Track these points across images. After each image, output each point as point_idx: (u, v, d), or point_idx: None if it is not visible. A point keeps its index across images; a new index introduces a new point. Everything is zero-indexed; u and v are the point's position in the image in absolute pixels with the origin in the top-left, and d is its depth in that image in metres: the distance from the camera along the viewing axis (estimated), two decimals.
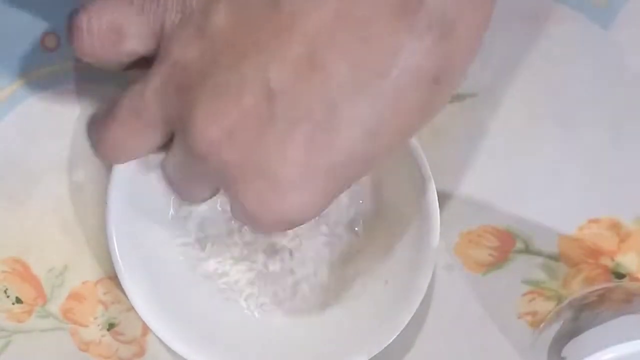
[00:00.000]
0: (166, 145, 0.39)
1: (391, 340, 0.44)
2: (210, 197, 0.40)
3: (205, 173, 0.37)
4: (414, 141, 0.44)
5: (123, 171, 0.44)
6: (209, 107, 0.35)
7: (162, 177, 0.40)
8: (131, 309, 0.46)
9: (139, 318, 0.46)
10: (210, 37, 0.35)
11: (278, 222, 0.36)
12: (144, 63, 0.38)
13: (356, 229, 0.47)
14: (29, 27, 0.47)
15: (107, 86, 0.46)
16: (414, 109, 0.35)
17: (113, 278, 0.48)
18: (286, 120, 0.34)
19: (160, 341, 0.46)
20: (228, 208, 0.45)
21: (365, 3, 0.33)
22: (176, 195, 0.41)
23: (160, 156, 0.40)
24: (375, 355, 0.45)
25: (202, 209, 0.47)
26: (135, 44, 0.37)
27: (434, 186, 0.44)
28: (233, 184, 0.36)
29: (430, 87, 0.34)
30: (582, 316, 0.43)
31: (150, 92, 0.37)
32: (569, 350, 0.41)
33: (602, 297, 0.44)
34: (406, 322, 0.44)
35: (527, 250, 0.47)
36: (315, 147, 0.34)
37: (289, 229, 0.37)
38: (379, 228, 0.47)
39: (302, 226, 0.46)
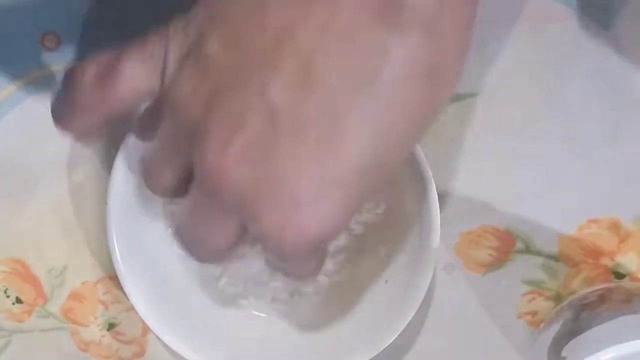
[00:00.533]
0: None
1: (391, 341, 0.44)
2: (232, 245, 0.38)
3: (222, 209, 0.37)
4: None
5: (123, 171, 0.44)
6: (217, 136, 0.35)
7: (176, 239, 0.40)
8: (131, 309, 0.46)
9: (139, 318, 0.46)
10: (208, 69, 0.36)
11: (300, 241, 0.36)
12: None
13: (356, 229, 0.47)
14: (29, 27, 0.47)
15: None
16: (412, 107, 0.35)
17: (113, 278, 0.48)
18: (292, 135, 0.34)
19: (160, 341, 0.46)
20: None
21: (346, 11, 0.34)
22: (193, 254, 0.39)
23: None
24: (375, 355, 0.45)
25: None
26: (135, 84, 0.38)
27: (434, 186, 0.44)
28: (251, 210, 0.36)
29: (425, 83, 0.35)
30: (582, 316, 0.43)
31: (163, 139, 0.38)
32: (569, 350, 0.41)
33: (602, 297, 0.44)
34: (406, 323, 0.44)
35: (527, 250, 0.47)
36: (324, 157, 0.35)
37: (313, 249, 0.36)
38: (379, 228, 0.47)
39: None
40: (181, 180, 0.38)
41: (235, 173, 0.35)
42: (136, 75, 0.37)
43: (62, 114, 0.39)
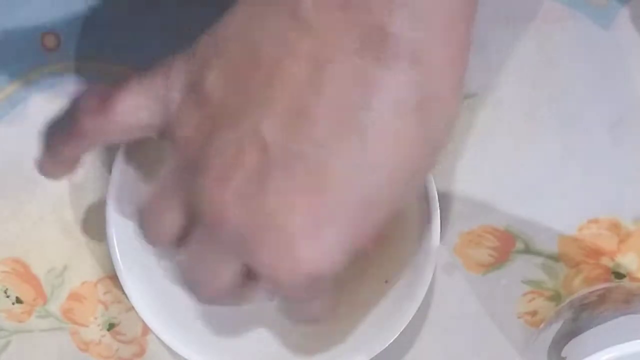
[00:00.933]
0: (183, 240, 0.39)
1: (391, 341, 0.44)
2: (233, 285, 0.39)
3: (222, 248, 0.37)
4: None
5: (123, 172, 0.44)
6: (215, 172, 0.35)
7: (180, 280, 0.40)
8: (131, 308, 0.46)
9: (139, 318, 0.46)
10: (207, 106, 0.36)
11: (296, 277, 0.36)
12: None
13: None
14: (29, 27, 0.47)
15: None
16: (404, 138, 0.35)
17: (113, 278, 0.48)
18: (283, 171, 0.35)
19: (160, 341, 0.46)
20: None
21: (331, 45, 0.34)
22: (198, 295, 0.40)
23: None
24: (375, 355, 0.45)
25: None
26: (136, 116, 0.38)
27: (434, 186, 0.44)
28: (247, 247, 0.36)
29: (414, 115, 0.35)
30: (582, 316, 0.43)
31: (167, 177, 0.38)
32: (569, 350, 0.41)
33: (602, 297, 0.44)
34: (406, 323, 0.44)
35: (527, 250, 0.47)
36: (313, 193, 0.35)
37: (311, 286, 0.37)
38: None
39: None
40: (181, 228, 0.38)
41: (232, 210, 0.35)
42: (138, 107, 0.38)
43: (55, 139, 0.40)
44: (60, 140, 0.40)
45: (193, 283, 0.39)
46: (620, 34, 0.46)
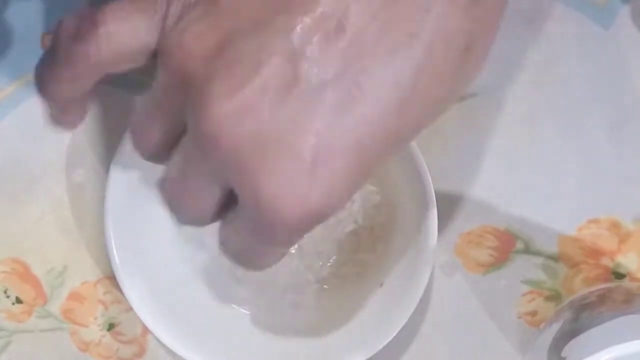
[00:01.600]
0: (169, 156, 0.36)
1: (387, 342, 0.44)
2: (214, 212, 0.35)
3: (210, 171, 0.33)
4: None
5: (123, 171, 0.44)
6: (224, 81, 0.31)
7: (161, 196, 0.36)
8: (131, 309, 0.46)
9: (139, 318, 0.46)
10: (222, 13, 0.32)
11: (302, 212, 0.32)
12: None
13: (354, 229, 0.47)
14: (29, 27, 0.47)
15: (107, 86, 0.46)
16: (445, 76, 0.33)
17: (113, 278, 0.48)
18: (312, 85, 0.31)
19: (160, 341, 0.46)
20: None
21: None
22: (176, 214, 0.36)
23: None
24: (375, 355, 0.45)
25: None
26: (129, 38, 0.34)
27: (431, 187, 0.44)
28: (248, 170, 0.32)
29: (461, 53, 0.33)
30: (582, 316, 0.43)
31: (155, 90, 0.34)
32: (569, 350, 0.41)
33: (602, 297, 0.44)
34: (402, 324, 0.44)
35: (527, 250, 0.47)
36: (343, 114, 0.31)
37: (313, 223, 0.32)
38: (377, 229, 0.47)
39: None
40: (169, 140, 0.35)
41: (236, 123, 0.31)
42: (132, 23, 0.34)
43: (45, 77, 0.36)
44: (50, 77, 0.36)
45: (172, 201, 0.35)
46: (621, 33, 0.46)
